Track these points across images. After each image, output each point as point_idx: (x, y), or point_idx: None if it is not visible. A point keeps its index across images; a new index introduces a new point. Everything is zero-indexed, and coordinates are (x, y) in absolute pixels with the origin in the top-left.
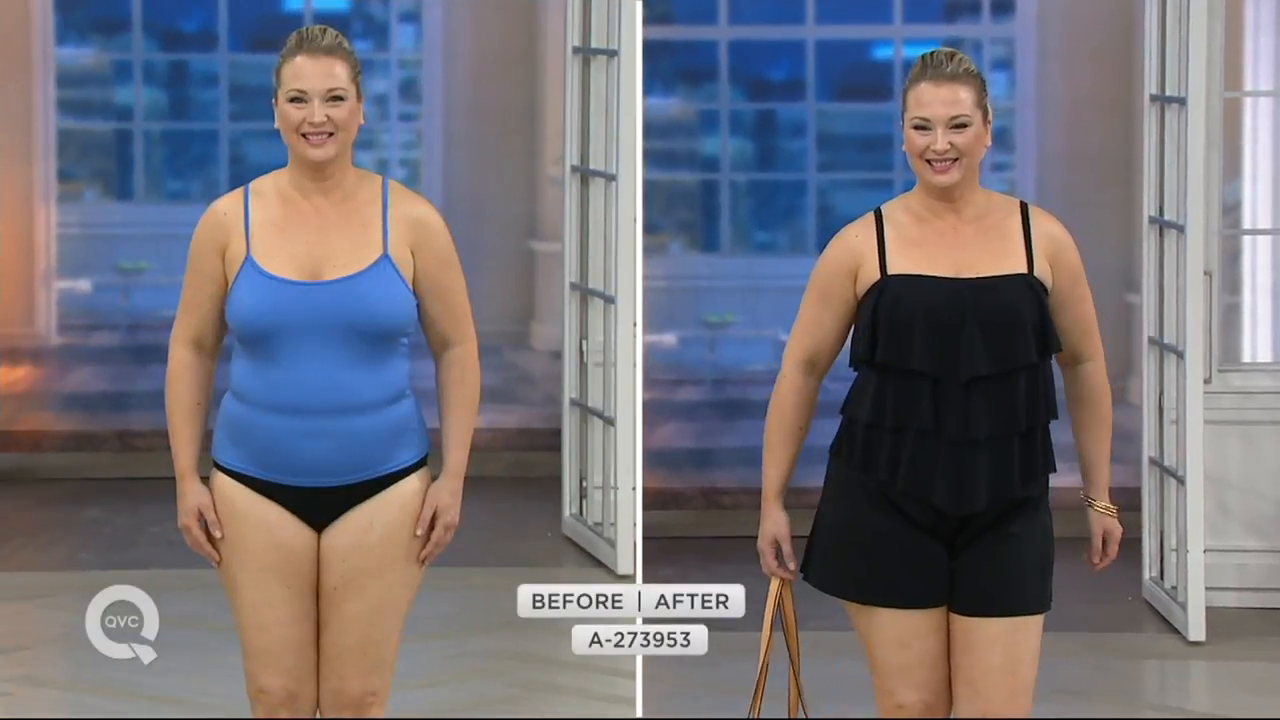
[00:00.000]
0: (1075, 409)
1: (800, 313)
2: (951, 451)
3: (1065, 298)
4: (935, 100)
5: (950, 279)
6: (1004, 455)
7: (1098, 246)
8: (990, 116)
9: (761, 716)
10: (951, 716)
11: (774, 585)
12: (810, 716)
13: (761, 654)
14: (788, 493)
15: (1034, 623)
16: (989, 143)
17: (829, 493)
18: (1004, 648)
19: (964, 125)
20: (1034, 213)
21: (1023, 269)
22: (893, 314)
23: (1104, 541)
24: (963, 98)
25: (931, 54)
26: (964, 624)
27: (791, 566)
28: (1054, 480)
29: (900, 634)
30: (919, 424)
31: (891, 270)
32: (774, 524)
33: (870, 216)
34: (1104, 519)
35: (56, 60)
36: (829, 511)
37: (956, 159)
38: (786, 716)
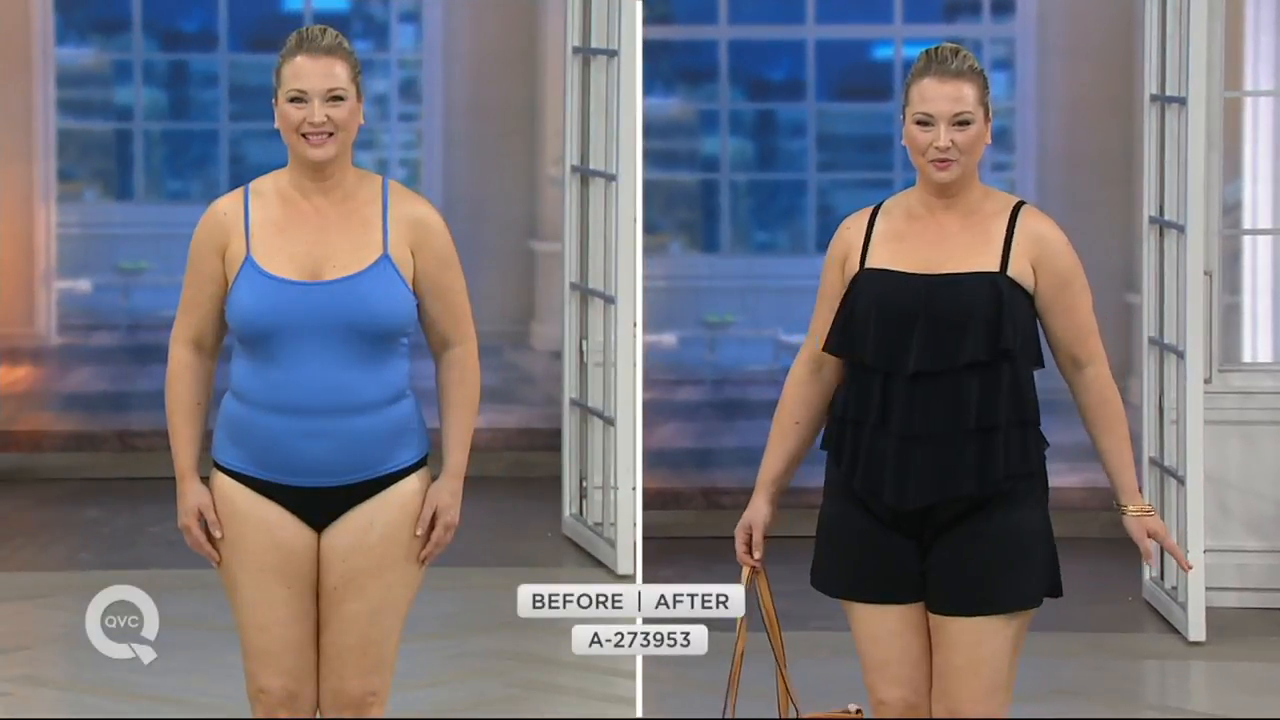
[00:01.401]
0: (1085, 416)
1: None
2: (898, 446)
3: (1051, 301)
4: (939, 96)
5: (912, 275)
6: (954, 453)
7: (1098, 246)
8: (991, 115)
9: (735, 716)
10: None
11: (745, 574)
12: (802, 714)
13: (738, 646)
14: (788, 493)
15: (1003, 621)
16: (989, 140)
17: (825, 491)
18: (966, 646)
19: (966, 123)
20: (1025, 213)
21: (993, 267)
22: (853, 308)
23: (1156, 542)
24: (966, 94)
25: (936, 49)
26: (936, 622)
27: (757, 555)
28: (1053, 481)
29: (874, 629)
30: (872, 418)
31: (868, 264)
32: (751, 511)
33: (869, 209)
34: (1142, 521)
35: (56, 60)
36: (823, 510)
37: (957, 157)
38: (776, 715)
